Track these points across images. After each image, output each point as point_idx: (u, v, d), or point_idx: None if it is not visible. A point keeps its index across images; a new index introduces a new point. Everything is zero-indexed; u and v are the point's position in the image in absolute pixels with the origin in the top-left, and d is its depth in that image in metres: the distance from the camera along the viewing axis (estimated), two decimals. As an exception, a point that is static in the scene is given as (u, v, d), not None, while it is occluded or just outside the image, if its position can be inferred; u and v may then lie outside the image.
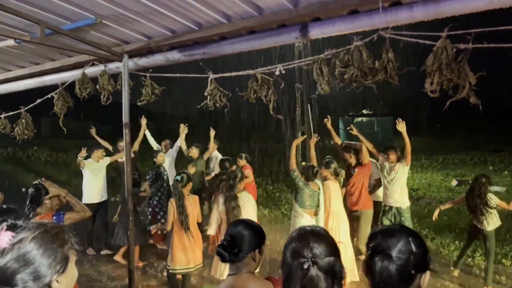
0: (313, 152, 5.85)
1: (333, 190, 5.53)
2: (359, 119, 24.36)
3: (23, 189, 11.24)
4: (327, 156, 5.95)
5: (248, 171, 7.30)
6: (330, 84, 3.04)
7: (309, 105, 11.62)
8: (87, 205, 5.92)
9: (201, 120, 19.48)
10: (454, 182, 12.71)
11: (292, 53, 11.19)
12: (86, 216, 3.69)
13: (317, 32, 3.33)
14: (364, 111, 24.83)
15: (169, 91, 4.87)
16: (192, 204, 4.76)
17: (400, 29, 2.87)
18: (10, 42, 3.75)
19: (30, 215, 3.56)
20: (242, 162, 7.48)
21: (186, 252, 4.68)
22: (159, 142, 8.30)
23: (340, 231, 5.40)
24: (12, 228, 1.33)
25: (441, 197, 11.08)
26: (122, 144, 8.02)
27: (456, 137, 21.07)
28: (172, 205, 4.61)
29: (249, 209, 4.58)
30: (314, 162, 5.69)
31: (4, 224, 1.35)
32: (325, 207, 5.40)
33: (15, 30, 3.79)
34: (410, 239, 1.43)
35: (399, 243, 1.42)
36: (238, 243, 2.05)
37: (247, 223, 2.17)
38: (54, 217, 3.82)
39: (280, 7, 3.23)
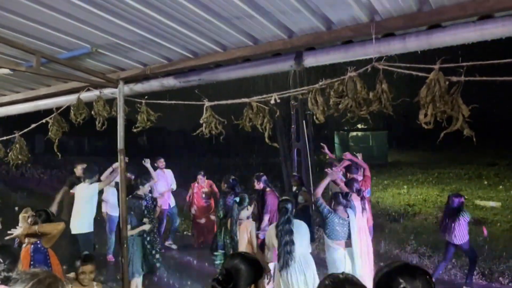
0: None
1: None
2: (354, 133, 24.46)
3: (16, 208, 11.15)
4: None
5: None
6: (325, 113, 3.07)
7: (304, 121, 11.67)
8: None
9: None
10: (449, 198, 12.72)
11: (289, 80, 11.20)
12: (60, 229, 3.82)
13: (311, 60, 3.39)
14: (359, 126, 24.96)
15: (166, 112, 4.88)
16: (244, 229, 4.63)
17: (394, 59, 2.91)
18: (5, 70, 3.76)
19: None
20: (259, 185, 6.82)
21: None
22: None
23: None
24: (5, 282, 1.33)
25: (437, 212, 11.09)
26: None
27: (451, 151, 21.21)
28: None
29: (302, 233, 4.47)
30: (343, 188, 5.64)
31: None
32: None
33: (10, 58, 3.80)
34: (428, 277, 1.44)
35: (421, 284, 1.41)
36: (234, 278, 1.99)
37: (244, 257, 2.12)
38: (32, 246, 3.87)
39: (275, 37, 3.28)
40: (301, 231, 4.46)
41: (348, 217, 4.95)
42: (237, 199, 4.80)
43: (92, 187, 6.20)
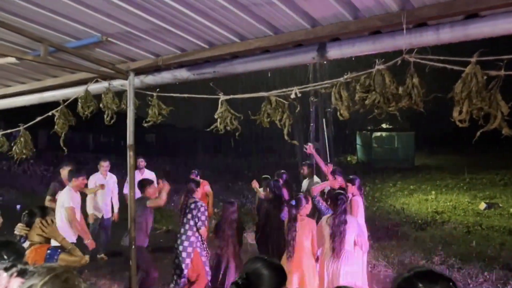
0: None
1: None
2: (378, 134, 24.19)
3: (18, 206, 11.37)
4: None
5: None
6: (349, 109, 3.05)
7: (324, 119, 11.59)
8: None
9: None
10: (482, 205, 12.53)
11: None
12: (81, 263, 3.64)
13: (335, 52, 3.37)
14: (384, 126, 24.72)
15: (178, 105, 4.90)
16: (302, 228, 4.85)
17: (426, 52, 2.88)
18: (11, 59, 3.84)
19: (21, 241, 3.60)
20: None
21: (290, 274, 4.71)
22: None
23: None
24: (21, 274, 1.39)
25: (468, 221, 10.92)
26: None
27: (485, 154, 20.85)
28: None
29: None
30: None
31: (14, 270, 1.40)
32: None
33: (16, 47, 3.88)
34: (451, 284, 1.43)
35: None
36: (254, 283, 1.98)
37: (267, 261, 2.07)
38: (49, 251, 3.81)
39: (297, 26, 3.27)
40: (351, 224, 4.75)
41: None
42: (294, 202, 4.95)
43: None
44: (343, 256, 4.60)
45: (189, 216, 5.36)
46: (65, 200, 5.59)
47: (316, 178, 7.64)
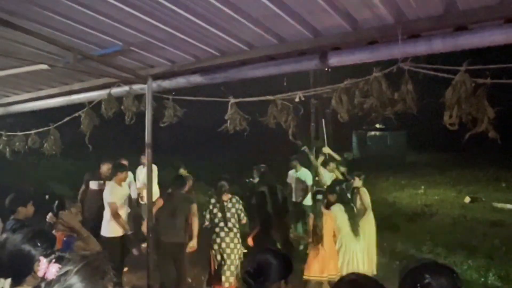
0: None
1: None
2: (372, 133, 24.06)
3: (47, 196, 11.45)
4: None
5: None
6: (349, 113, 3.04)
7: (323, 119, 11.54)
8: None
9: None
10: (467, 199, 12.47)
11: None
12: (95, 250, 3.66)
13: (336, 60, 3.36)
14: (377, 126, 24.59)
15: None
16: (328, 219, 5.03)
17: (419, 60, 2.86)
18: (44, 66, 3.87)
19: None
20: None
21: (320, 262, 4.88)
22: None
23: None
24: (59, 260, 1.43)
25: (454, 214, 10.86)
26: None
27: (470, 153, 20.70)
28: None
29: None
30: None
31: (53, 256, 1.47)
32: None
33: (48, 55, 3.90)
34: (454, 274, 1.43)
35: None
36: (265, 272, 2.00)
37: (276, 252, 2.13)
38: (65, 239, 3.85)
39: (300, 36, 3.26)
40: None
41: None
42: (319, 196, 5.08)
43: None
44: None
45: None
46: (107, 196, 5.37)
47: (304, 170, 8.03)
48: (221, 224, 5.11)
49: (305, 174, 8.05)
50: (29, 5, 2.98)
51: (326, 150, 7.85)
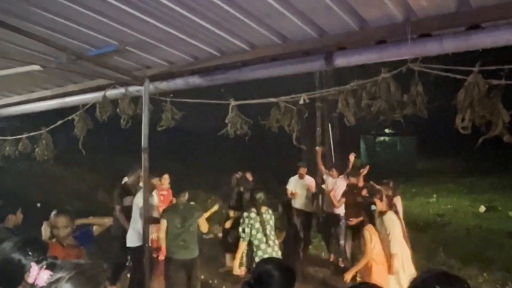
0: None
1: None
2: (381, 138, 24.07)
3: (38, 205, 11.43)
4: None
5: None
6: (356, 115, 3.04)
7: (329, 124, 11.51)
8: None
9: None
10: (482, 208, 12.39)
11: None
12: (107, 225, 3.87)
13: (342, 61, 3.35)
14: (386, 130, 24.57)
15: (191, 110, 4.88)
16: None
17: (429, 61, 2.86)
18: (36, 66, 3.88)
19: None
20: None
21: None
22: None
23: None
24: (51, 267, 1.43)
25: (468, 224, 10.79)
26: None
27: (484, 159, 20.60)
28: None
29: None
30: None
31: (44, 263, 1.48)
32: None
33: (40, 55, 3.92)
34: (466, 286, 1.43)
35: None
36: (265, 283, 2.00)
37: (278, 263, 2.11)
38: (78, 234, 3.74)
39: (305, 36, 3.26)
40: None
41: None
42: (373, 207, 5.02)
43: None
44: None
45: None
46: (139, 201, 5.12)
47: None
48: (259, 236, 4.92)
49: (310, 181, 8.11)
50: (19, 2, 2.99)
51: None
